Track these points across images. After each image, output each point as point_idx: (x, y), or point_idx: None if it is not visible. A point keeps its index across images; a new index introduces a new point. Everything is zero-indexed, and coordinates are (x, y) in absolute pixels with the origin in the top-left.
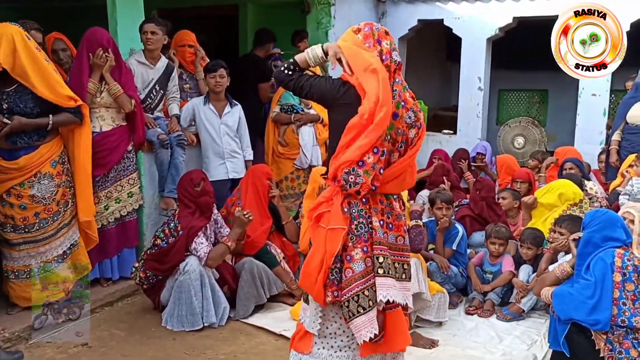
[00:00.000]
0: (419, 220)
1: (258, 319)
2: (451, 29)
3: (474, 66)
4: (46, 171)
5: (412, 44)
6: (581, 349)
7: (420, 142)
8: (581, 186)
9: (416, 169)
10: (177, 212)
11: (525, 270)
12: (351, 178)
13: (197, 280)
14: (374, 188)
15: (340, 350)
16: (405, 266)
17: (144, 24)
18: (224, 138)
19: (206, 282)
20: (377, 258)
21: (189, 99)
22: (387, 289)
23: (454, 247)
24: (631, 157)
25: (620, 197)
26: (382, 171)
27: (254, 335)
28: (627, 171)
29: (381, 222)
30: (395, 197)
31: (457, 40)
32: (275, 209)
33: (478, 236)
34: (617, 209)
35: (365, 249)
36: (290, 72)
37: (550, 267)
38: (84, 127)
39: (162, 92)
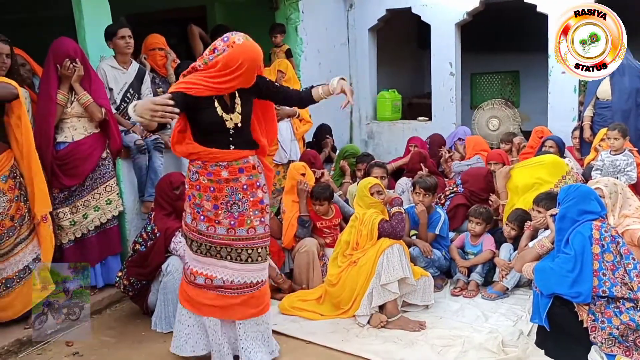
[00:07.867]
0: (400, 207)
1: None
2: (419, 17)
3: (445, 52)
4: None
5: (383, 34)
6: (565, 321)
7: None
8: None
9: None
10: (152, 215)
11: (506, 249)
12: None
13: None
14: None
15: None
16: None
17: (118, 28)
18: None
19: None
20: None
21: None
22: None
23: (437, 232)
24: (602, 132)
25: (593, 172)
26: None
27: None
28: (599, 145)
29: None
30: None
31: (427, 28)
32: None
33: None
34: None
35: None
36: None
37: (530, 244)
38: (23, 126)
39: (136, 95)
